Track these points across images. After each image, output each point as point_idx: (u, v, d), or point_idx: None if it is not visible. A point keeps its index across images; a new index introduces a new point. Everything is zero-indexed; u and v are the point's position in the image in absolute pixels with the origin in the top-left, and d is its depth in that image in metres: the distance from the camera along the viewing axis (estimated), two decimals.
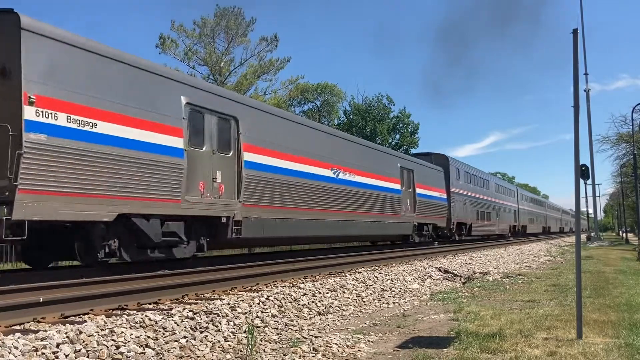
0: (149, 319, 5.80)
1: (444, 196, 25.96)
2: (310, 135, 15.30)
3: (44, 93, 7.68)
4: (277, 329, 6.52)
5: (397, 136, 47.08)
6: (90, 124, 8.31)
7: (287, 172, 13.39)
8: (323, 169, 15.25)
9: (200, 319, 6.10)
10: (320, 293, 8.78)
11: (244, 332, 5.90)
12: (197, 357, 5.11)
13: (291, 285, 9.48)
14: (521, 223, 46.83)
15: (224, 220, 11.06)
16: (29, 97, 7.44)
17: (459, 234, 28.72)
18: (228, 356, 5.20)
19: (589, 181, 42.23)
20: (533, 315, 7.41)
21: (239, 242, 13.35)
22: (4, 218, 7.18)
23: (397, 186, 20.42)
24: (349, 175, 16.68)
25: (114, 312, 6.60)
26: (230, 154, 11.49)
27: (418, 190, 22.41)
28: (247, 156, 11.84)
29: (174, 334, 5.53)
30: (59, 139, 7.79)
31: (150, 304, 7.35)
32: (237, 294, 8.26)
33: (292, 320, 7.01)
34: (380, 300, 9.42)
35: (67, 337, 4.85)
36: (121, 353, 4.78)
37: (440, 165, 26.99)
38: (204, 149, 10.73)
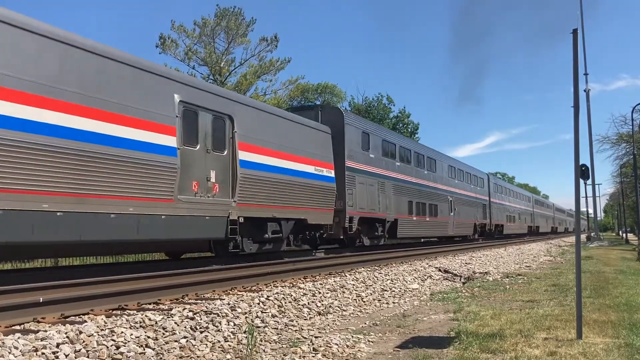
0: (149, 319, 5.80)
1: (330, 174, 16.13)
2: None
3: None
4: (277, 329, 6.52)
5: None
6: None
7: None
8: None
9: (200, 319, 6.10)
10: (320, 293, 8.78)
11: (244, 332, 5.90)
12: (197, 357, 5.11)
13: (291, 285, 9.49)
14: (495, 221, 37.17)
15: None
16: None
17: (370, 236, 19.07)
18: (228, 356, 5.20)
19: (589, 181, 42.39)
20: (533, 315, 7.41)
21: None
22: None
23: (167, 140, 10.30)
24: None
25: (114, 312, 6.61)
26: None
27: (246, 157, 12.40)
28: None
29: (174, 334, 5.53)
30: None
31: (150, 304, 7.36)
32: (237, 294, 8.26)
33: (292, 320, 7.02)
34: (380, 300, 9.42)
35: (67, 337, 4.85)
36: (121, 353, 4.78)
37: (329, 124, 16.86)
38: None
